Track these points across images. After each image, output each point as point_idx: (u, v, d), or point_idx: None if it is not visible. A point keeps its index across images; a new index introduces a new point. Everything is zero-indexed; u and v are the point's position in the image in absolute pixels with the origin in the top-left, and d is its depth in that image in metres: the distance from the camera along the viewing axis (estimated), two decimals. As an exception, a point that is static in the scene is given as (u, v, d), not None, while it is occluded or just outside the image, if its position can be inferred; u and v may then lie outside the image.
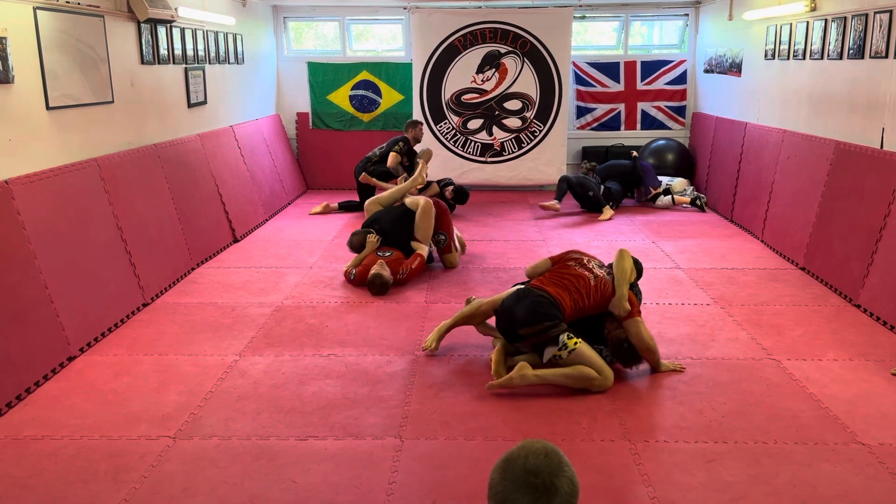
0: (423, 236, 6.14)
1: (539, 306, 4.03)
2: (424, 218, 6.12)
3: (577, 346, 3.95)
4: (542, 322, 3.99)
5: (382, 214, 6.35)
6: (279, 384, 4.08)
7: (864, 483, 3.13)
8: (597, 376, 3.92)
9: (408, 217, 6.22)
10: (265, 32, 9.62)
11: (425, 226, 6.13)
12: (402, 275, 5.84)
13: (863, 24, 5.59)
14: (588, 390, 3.94)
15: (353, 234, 6.18)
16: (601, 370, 3.94)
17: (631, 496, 3.08)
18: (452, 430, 3.60)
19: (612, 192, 8.58)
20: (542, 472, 1.49)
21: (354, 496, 3.07)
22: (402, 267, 5.87)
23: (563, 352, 3.94)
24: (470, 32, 9.48)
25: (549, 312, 4.01)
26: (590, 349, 4.01)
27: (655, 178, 8.92)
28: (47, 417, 3.71)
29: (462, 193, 8.40)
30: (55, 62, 4.76)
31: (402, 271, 5.84)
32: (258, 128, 8.94)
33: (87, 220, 4.89)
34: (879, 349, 4.51)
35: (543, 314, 4.00)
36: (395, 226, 6.19)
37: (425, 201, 6.20)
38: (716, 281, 5.87)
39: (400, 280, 5.84)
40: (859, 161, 5.58)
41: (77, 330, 4.49)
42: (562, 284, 4.17)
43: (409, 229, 6.17)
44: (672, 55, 10.13)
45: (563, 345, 3.94)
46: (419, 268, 5.98)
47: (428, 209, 6.14)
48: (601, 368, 3.95)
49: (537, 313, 4.00)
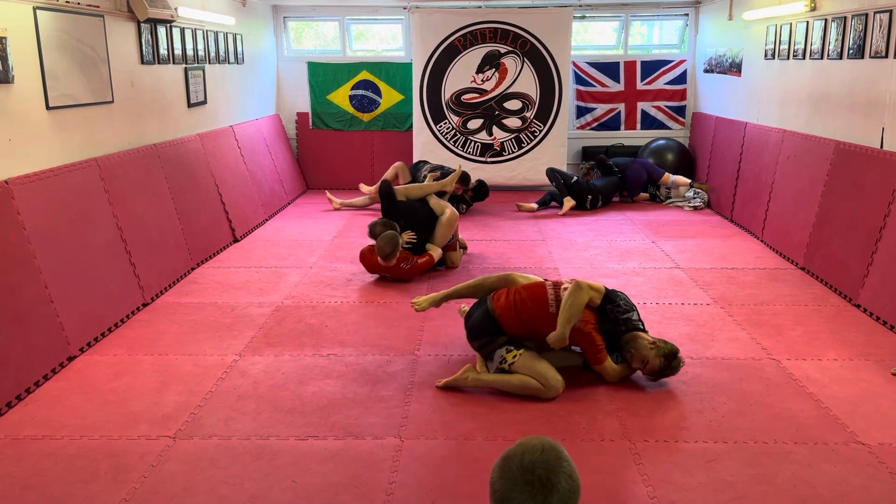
0: (440, 242, 6.20)
1: (482, 321, 4.12)
2: (447, 227, 6.18)
3: (515, 359, 3.95)
4: (481, 338, 4.11)
5: (405, 210, 6.29)
6: (279, 384, 4.08)
7: (864, 483, 3.13)
8: (539, 386, 3.86)
9: (430, 219, 6.22)
10: (265, 32, 9.62)
11: (445, 234, 6.19)
12: (407, 265, 5.86)
13: (863, 23, 5.59)
14: (537, 398, 3.88)
15: (378, 224, 6.08)
16: (545, 380, 3.86)
17: (631, 496, 3.08)
18: (452, 430, 3.60)
19: (599, 190, 8.68)
20: (539, 469, 1.48)
21: (354, 496, 3.07)
22: (410, 258, 5.91)
23: (504, 365, 4.00)
24: (470, 32, 9.48)
25: (488, 328, 4.09)
26: (533, 360, 3.93)
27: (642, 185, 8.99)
28: (47, 417, 3.71)
29: (481, 192, 8.55)
30: (55, 62, 4.76)
31: (409, 261, 5.88)
32: (258, 128, 8.94)
33: (87, 220, 4.89)
34: (879, 349, 4.51)
35: (483, 329, 4.11)
36: (417, 224, 6.18)
37: (451, 211, 6.23)
38: (716, 281, 5.88)
39: (403, 270, 5.86)
40: (859, 161, 5.58)
41: (77, 330, 4.49)
42: (514, 300, 4.09)
43: (429, 231, 6.20)
44: (672, 55, 10.13)
45: (503, 358, 4.00)
46: (425, 265, 6.00)
47: (453, 220, 6.20)
48: (545, 379, 3.86)
49: (478, 328, 4.13)
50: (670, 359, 3.95)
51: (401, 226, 6.14)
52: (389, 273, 5.95)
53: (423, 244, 6.17)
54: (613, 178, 8.89)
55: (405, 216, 6.23)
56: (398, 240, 5.81)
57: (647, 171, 8.99)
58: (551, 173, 8.77)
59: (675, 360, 3.97)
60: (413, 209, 6.31)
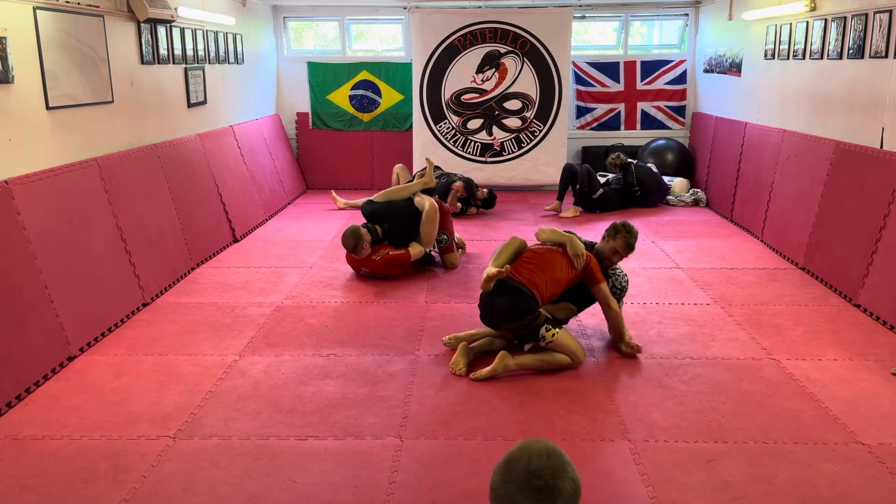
0: (426, 241, 6.16)
1: (518, 300, 4.18)
2: (428, 223, 6.12)
3: (554, 337, 4.18)
4: (524, 317, 4.16)
5: (387, 211, 6.23)
6: (279, 384, 4.08)
7: (864, 483, 3.13)
8: (570, 362, 4.22)
9: (415, 217, 6.17)
10: (265, 32, 9.62)
11: (429, 230, 6.13)
12: (378, 257, 5.87)
13: (862, 23, 5.59)
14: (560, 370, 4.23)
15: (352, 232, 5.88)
16: (574, 355, 4.23)
17: (631, 496, 3.08)
18: (452, 430, 3.60)
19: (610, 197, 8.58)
20: (546, 474, 1.49)
21: (354, 496, 3.07)
22: (384, 249, 5.91)
23: (542, 343, 4.18)
24: (470, 32, 9.48)
25: (527, 307, 4.17)
26: (566, 335, 4.26)
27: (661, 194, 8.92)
28: (47, 417, 3.71)
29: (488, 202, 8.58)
30: (55, 62, 4.76)
31: (379, 254, 5.88)
32: (258, 128, 8.94)
33: (87, 220, 4.88)
34: (879, 349, 4.51)
35: (523, 309, 4.16)
36: (401, 224, 6.15)
37: (430, 204, 6.16)
38: (716, 281, 5.88)
39: (375, 262, 5.86)
40: (859, 161, 5.58)
41: (77, 330, 4.49)
42: (532, 265, 4.35)
43: (413, 230, 6.16)
44: (672, 55, 10.13)
45: (542, 337, 4.17)
46: (398, 259, 5.93)
47: (433, 214, 6.13)
48: (574, 353, 4.23)
49: (518, 309, 4.17)
50: (620, 230, 4.56)
51: (384, 228, 6.07)
52: (366, 268, 5.97)
53: (408, 241, 6.11)
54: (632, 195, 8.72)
55: (388, 218, 6.15)
56: (360, 233, 5.80)
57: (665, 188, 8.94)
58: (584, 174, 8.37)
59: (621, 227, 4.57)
60: (396, 210, 6.20)
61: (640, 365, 4.31)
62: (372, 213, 6.24)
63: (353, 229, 5.85)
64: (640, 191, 8.69)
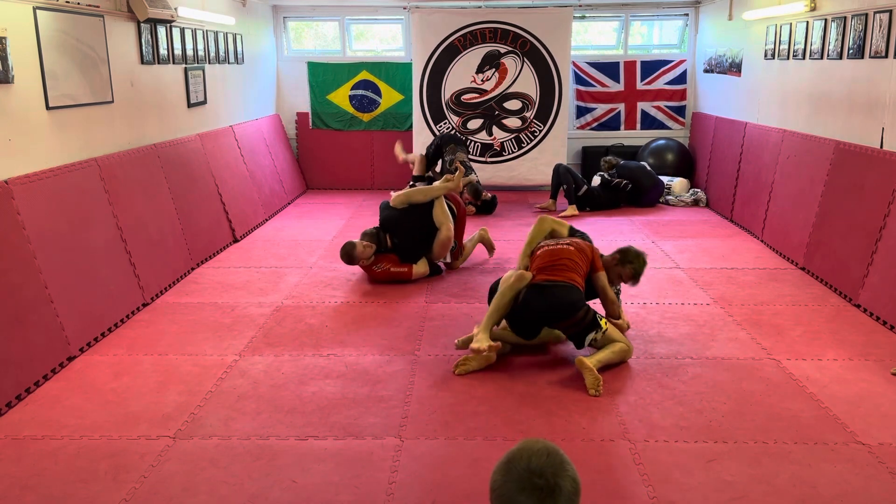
0: (436, 256, 6.11)
1: (567, 297, 4.20)
2: (440, 247, 6.01)
3: (607, 325, 4.27)
4: (578, 312, 4.19)
5: (399, 224, 5.99)
6: (279, 384, 4.08)
7: (864, 483, 3.13)
8: (630, 347, 4.31)
9: (427, 233, 5.97)
10: (265, 32, 9.62)
11: (438, 252, 6.06)
12: (378, 268, 5.86)
13: (862, 23, 5.59)
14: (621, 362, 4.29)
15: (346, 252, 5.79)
16: (626, 340, 4.32)
17: (631, 496, 3.08)
18: (452, 430, 3.60)
19: (596, 194, 8.63)
20: (546, 473, 1.49)
21: (354, 496, 3.07)
22: (385, 264, 5.87)
23: (598, 334, 4.21)
24: (470, 32, 9.48)
25: (577, 302, 4.21)
26: (613, 327, 4.33)
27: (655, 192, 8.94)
28: (47, 417, 3.71)
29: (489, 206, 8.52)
30: (55, 62, 4.76)
31: (380, 266, 5.86)
32: (258, 128, 8.94)
33: (87, 220, 4.89)
34: (879, 349, 4.51)
35: (576, 306, 4.21)
36: (410, 241, 5.97)
37: (447, 231, 5.97)
38: (716, 281, 5.88)
39: (375, 272, 5.85)
40: (859, 161, 5.58)
41: (77, 330, 4.49)
42: (562, 266, 4.34)
43: (423, 246, 6.00)
44: (672, 55, 10.13)
45: (599, 326, 4.22)
46: (397, 276, 5.85)
47: (446, 242, 6.00)
48: (625, 339, 4.32)
49: (571, 305, 4.19)
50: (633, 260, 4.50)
51: (394, 242, 5.96)
52: (367, 273, 5.96)
53: (417, 256, 5.99)
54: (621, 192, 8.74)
55: (399, 233, 5.96)
56: (354, 252, 5.73)
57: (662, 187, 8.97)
58: (565, 173, 8.60)
59: (634, 257, 4.51)
60: (408, 225, 5.97)
61: (640, 365, 4.31)
62: (385, 221, 6.07)
63: (347, 248, 5.77)
64: (630, 185, 8.71)
